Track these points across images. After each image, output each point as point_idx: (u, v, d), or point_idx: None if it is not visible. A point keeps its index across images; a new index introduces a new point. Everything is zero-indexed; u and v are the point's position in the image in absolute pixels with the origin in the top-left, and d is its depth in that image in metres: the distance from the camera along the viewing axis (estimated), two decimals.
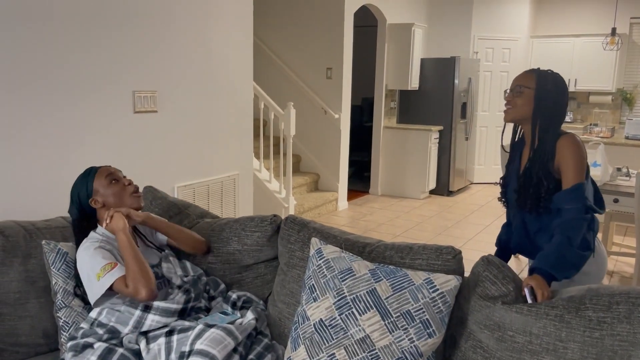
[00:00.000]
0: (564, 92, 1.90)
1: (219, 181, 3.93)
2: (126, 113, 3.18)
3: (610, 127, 5.75)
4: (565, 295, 1.45)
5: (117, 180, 1.88)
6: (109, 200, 1.85)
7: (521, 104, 1.90)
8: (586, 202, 1.79)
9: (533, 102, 1.88)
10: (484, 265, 1.55)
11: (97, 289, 1.71)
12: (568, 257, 1.71)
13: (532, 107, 1.89)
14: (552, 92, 1.87)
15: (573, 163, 1.83)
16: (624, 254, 4.08)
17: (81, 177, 1.89)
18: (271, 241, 1.99)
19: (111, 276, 1.70)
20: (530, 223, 2.01)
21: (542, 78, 1.88)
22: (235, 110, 4.03)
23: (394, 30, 6.85)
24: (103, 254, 1.74)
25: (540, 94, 1.87)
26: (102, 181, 1.86)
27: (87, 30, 2.89)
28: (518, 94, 1.90)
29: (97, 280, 1.70)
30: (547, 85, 1.87)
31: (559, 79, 1.90)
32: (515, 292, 1.50)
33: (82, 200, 1.86)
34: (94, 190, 1.85)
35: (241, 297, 1.93)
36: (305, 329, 1.57)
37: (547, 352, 1.37)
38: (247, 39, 4.07)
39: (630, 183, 3.67)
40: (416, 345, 1.47)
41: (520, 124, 2.00)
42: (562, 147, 1.86)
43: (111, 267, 1.71)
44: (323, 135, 6.39)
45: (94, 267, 1.72)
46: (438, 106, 7.01)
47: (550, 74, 1.90)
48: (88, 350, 1.64)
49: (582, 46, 7.58)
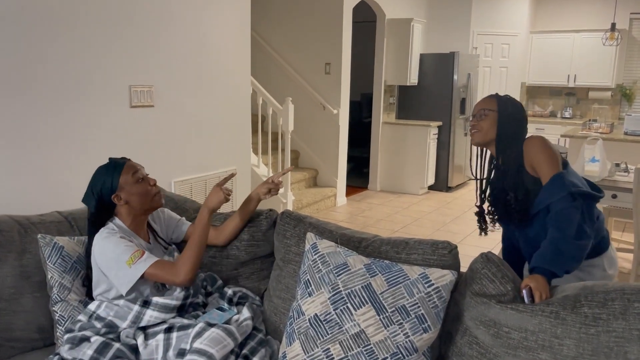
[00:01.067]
0: (523, 114, 2.01)
1: (217, 176, 3.93)
2: (122, 108, 3.16)
3: (610, 122, 5.74)
4: (561, 295, 1.44)
5: (143, 179, 1.84)
6: (132, 199, 1.80)
7: (487, 127, 1.99)
8: (570, 189, 1.77)
9: (496, 124, 1.97)
10: (483, 263, 1.54)
11: (131, 275, 1.69)
12: (564, 250, 1.69)
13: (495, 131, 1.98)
14: (513, 114, 1.98)
15: (543, 157, 1.87)
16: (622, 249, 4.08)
17: (105, 170, 1.81)
18: (267, 235, 1.99)
19: (144, 262, 1.69)
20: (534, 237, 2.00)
21: (502, 102, 1.99)
22: (233, 105, 4.02)
23: (393, 26, 6.83)
24: (126, 243, 1.73)
25: (502, 117, 1.97)
26: (128, 178, 1.80)
27: (82, 24, 2.87)
28: (483, 117, 2.00)
29: (128, 268, 1.68)
30: (507, 109, 1.98)
31: (517, 102, 2.02)
32: (513, 292, 1.48)
33: (104, 195, 1.79)
34: (120, 186, 1.79)
35: (237, 292, 1.92)
36: (300, 323, 1.57)
37: (543, 348, 1.37)
38: (245, 33, 4.05)
39: (628, 179, 3.66)
40: (411, 340, 1.47)
41: (487, 146, 2.06)
42: (528, 147, 1.93)
43: (140, 254, 1.70)
44: (322, 130, 6.38)
45: (122, 255, 1.69)
46: (437, 102, 6.99)
47: (509, 99, 2.02)
48: (85, 344, 1.64)
49: (581, 42, 7.56)
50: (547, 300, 1.42)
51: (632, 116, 5.31)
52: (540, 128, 7.77)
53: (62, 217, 2.09)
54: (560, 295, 1.43)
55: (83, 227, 2.09)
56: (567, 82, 7.75)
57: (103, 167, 1.83)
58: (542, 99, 8.28)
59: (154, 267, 1.70)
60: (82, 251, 1.91)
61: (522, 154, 1.95)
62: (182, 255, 1.74)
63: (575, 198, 1.76)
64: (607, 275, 1.97)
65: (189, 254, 1.74)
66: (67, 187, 2.90)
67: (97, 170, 1.84)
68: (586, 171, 3.66)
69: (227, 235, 2.00)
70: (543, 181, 1.86)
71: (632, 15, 7.43)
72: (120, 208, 1.82)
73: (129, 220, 1.83)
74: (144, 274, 1.70)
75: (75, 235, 2.04)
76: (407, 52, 6.79)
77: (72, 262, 1.87)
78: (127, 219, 1.83)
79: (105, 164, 1.84)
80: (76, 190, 2.94)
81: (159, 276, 1.71)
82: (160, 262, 1.72)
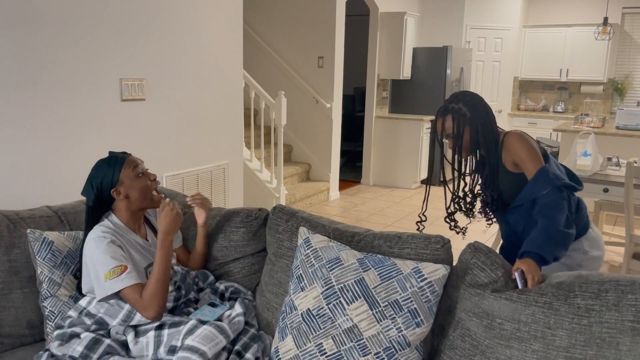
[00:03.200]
0: (483, 109, 1.95)
1: (208, 170, 3.90)
2: (113, 101, 3.13)
3: (601, 117, 5.76)
4: (554, 281, 1.44)
5: (144, 174, 1.81)
6: (132, 194, 1.77)
7: (463, 145, 1.97)
8: (555, 183, 1.81)
9: (465, 135, 1.94)
10: (472, 253, 1.55)
11: (105, 289, 1.65)
12: (554, 237, 1.73)
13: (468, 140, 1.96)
14: (475, 118, 1.93)
15: (525, 153, 1.88)
16: (613, 243, 4.10)
17: (105, 164, 1.78)
18: (257, 235, 1.98)
19: (120, 282, 1.63)
20: (514, 224, 2.05)
21: (456, 114, 1.93)
22: (225, 99, 3.99)
23: (386, 19, 6.80)
24: (113, 252, 1.67)
25: (460, 130, 1.92)
26: (129, 173, 1.77)
27: (71, 16, 2.84)
28: (450, 138, 1.97)
29: (104, 281, 1.64)
30: (464, 118, 1.92)
31: (469, 99, 1.94)
32: (504, 278, 1.49)
33: (103, 189, 1.76)
34: (119, 181, 1.76)
35: (229, 288, 1.91)
36: (293, 318, 1.56)
37: (536, 339, 1.37)
38: (236, 26, 4.02)
39: (620, 173, 3.68)
40: (404, 335, 1.46)
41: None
42: (508, 144, 1.93)
43: (120, 270, 1.64)
44: (314, 124, 6.36)
45: (103, 266, 1.65)
46: (430, 96, 6.99)
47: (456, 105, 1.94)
48: (74, 340, 1.63)
49: (574, 36, 7.57)
50: (541, 290, 1.42)
51: (623, 110, 5.33)
52: (532, 122, 7.80)
53: (52, 211, 2.07)
54: (555, 282, 1.44)
55: (73, 221, 2.07)
56: (560, 77, 7.77)
57: (104, 160, 1.80)
58: (535, 93, 8.29)
59: (130, 290, 1.64)
60: (72, 246, 1.89)
61: (501, 151, 1.97)
62: (150, 289, 1.65)
63: (561, 190, 1.81)
64: (590, 257, 1.98)
65: (157, 287, 1.64)
66: (57, 182, 2.87)
67: (97, 163, 1.81)
68: (578, 165, 3.67)
69: (198, 263, 2.00)
70: (528, 176, 1.90)
71: (624, 10, 7.45)
72: (118, 203, 1.79)
73: (127, 216, 1.80)
74: (119, 291, 1.65)
75: (65, 230, 2.01)
76: (400, 46, 6.78)
77: (62, 257, 1.85)
78: (124, 215, 1.80)
79: (106, 157, 1.81)
80: (66, 185, 2.91)
81: (130, 301, 1.65)
82: (137, 288, 1.65)
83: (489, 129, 1.95)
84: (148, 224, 1.94)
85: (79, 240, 1.92)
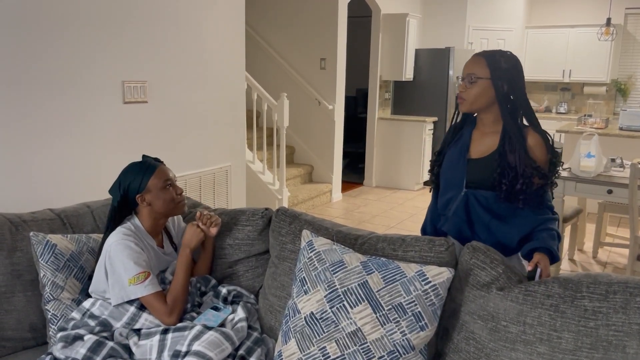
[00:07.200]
0: (518, 66, 1.78)
1: (211, 172, 3.90)
2: (115, 104, 3.13)
3: (605, 118, 5.74)
4: (562, 278, 1.44)
5: (172, 187, 1.83)
6: (156, 204, 1.80)
7: (476, 95, 1.78)
8: (548, 204, 1.84)
9: (492, 89, 1.76)
10: (470, 253, 1.55)
11: (126, 293, 1.68)
12: (556, 238, 1.79)
13: (489, 97, 1.78)
14: (508, 74, 1.76)
15: (545, 161, 1.78)
16: (617, 245, 4.08)
17: (137, 168, 1.80)
18: (262, 235, 1.97)
19: (144, 288, 1.67)
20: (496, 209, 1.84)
21: (493, 61, 1.76)
22: (227, 101, 3.99)
23: (388, 21, 6.80)
24: (137, 258, 1.70)
25: (496, 81, 1.75)
26: (157, 182, 1.79)
27: (73, 18, 2.84)
28: (471, 84, 1.78)
29: (127, 285, 1.67)
30: (500, 70, 1.75)
31: (511, 56, 1.79)
32: (505, 275, 1.48)
33: (129, 192, 1.79)
34: (147, 189, 1.78)
35: (231, 291, 1.91)
36: (296, 322, 1.55)
37: (541, 342, 1.36)
38: (239, 28, 4.02)
39: (624, 174, 3.66)
40: (408, 339, 1.45)
41: (478, 113, 1.86)
42: (535, 148, 1.77)
43: (144, 277, 1.68)
44: (317, 126, 6.35)
45: (126, 271, 1.68)
46: (432, 97, 6.98)
47: (499, 55, 1.78)
48: (78, 342, 1.63)
49: (576, 37, 7.55)
50: (548, 291, 1.40)
51: (627, 111, 5.31)
52: None
53: (55, 214, 2.06)
54: (562, 279, 1.43)
55: (76, 224, 2.07)
56: (562, 77, 7.75)
57: (136, 164, 1.82)
58: (537, 94, 8.27)
59: (152, 297, 1.69)
60: (75, 249, 1.89)
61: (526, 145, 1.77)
62: (173, 296, 1.72)
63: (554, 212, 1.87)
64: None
65: (180, 293, 1.73)
66: (60, 185, 2.87)
67: (129, 166, 1.83)
68: (582, 166, 3.65)
69: (202, 272, 1.98)
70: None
71: (627, 11, 7.43)
72: (142, 208, 1.82)
73: (149, 222, 1.83)
74: (139, 298, 1.69)
75: (67, 232, 2.01)
76: (402, 48, 6.77)
77: (65, 260, 1.84)
78: (146, 220, 1.82)
79: (139, 161, 1.84)
80: (69, 188, 2.91)
81: (152, 307, 1.69)
82: (159, 296, 1.70)
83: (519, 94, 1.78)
84: (165, 231, 1.95)
85: (81, 243, 1.92)
